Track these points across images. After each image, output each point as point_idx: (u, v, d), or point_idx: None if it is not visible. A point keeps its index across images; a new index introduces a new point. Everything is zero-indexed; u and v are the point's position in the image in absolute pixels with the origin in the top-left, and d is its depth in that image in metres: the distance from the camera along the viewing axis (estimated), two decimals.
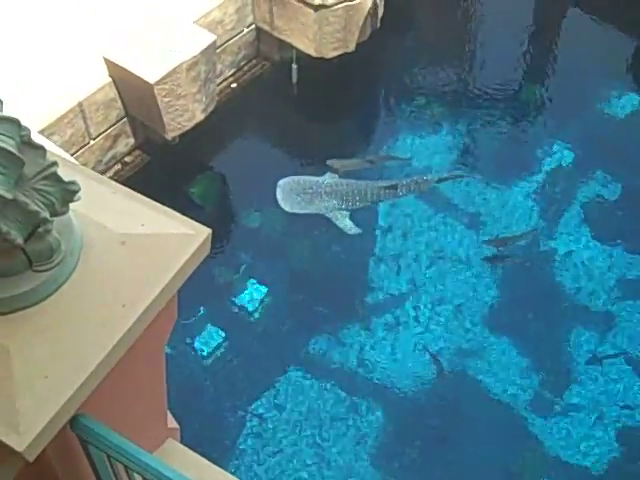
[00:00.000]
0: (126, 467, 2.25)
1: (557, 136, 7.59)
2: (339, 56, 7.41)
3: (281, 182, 7.02)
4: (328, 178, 7.09)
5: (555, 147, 7.50)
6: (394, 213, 7.03)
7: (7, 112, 1.94)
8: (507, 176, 7.30)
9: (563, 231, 6.94)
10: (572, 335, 6.36)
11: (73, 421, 2.13)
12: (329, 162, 7.19)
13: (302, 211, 6.89)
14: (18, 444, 1.92)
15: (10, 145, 1.87)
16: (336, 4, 6.98)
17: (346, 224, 6.83)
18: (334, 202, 6.86)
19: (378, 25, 7.52)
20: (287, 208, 6.88)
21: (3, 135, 1.86)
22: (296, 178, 7.08)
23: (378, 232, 6.94)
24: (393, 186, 7.06)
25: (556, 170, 7.36)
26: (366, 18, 7.22)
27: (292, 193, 6.91)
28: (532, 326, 6.42)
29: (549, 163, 7.40)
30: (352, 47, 7.38)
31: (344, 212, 6.88)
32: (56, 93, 6.22)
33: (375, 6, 7.25)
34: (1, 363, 2.02)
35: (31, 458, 1.96)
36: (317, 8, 6.98)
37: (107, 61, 6.40)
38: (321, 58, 7.40)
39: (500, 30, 8.46)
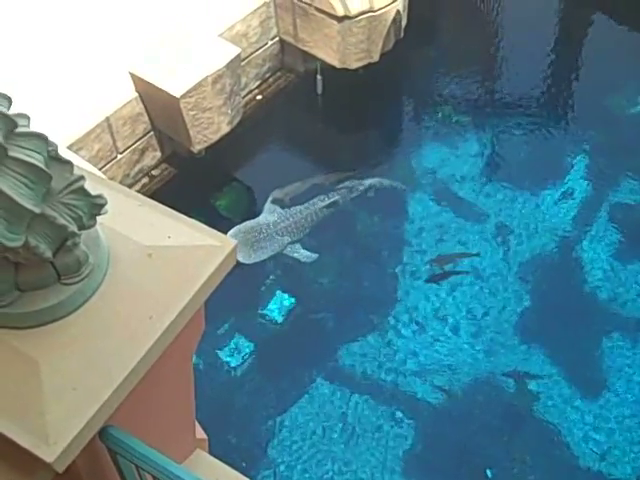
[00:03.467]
0: (155, 478, 2.26)
1: (583, 142, 7.53)
2: (363, 67, 7.43)
3: (229, 234, 6.69)
4: (270, 216, 6.94)
5: (582, 154, 7.45)
6: (427, 226, 6.99)
7: (35, 128, 1.97)
8: (534, 183, 7.26)
9: (592, 237, 6.89)
10: (604, 343, 6.29)
11: (102, 432, 2.14)
12: (272, 194, 7.07)
13: (260, 259, 6.75)
14: (48, 455, 1.93)
15: (38, 160, 1.89)
16: (359, 15, 6.99)
17: (302, 254, 6.78)
18: (286, 238, 6.79)
19: (402, 35, 7.52)
20: (246, 261, 6.65)
21: (31, 150, 1.89)
22: (242, 227, 6.85)
23: (408, 246, 6.91)
24: (334, 203, 7.04)
25: (583, 176, 7.30)
26: (389, 28, 7.23)
27: (244, 246, 6.68)
28: (562, 334, 6.36)
29: (576, 170, 7.34)
30: (376, 57, 7.39)
31: (297, 244, 6.84)
32: (83, 108, 6.29)
33: (398, 16, 7.26)
34: (30, 375, 2.04)
35: (61, 469, 1.98)
36: (340, 19, 7.00)
37: (133, 76, 6.46)
38: (345, 69, 7.42)
39: (524, 37, 8.43)
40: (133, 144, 6.76)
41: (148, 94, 6.50)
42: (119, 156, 6.69)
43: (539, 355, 6.25)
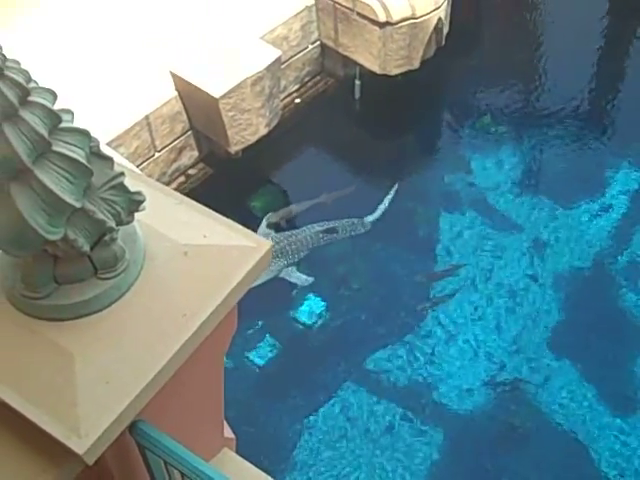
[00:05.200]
0: (182, 474, 2.28)
1: (624, 156, 7.44)
2: (403, 73, 7.41)
3: None
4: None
5: (622, 167, 7.35)
6: (460, 236, 6.96)
7: (77, 124, 2.00)
8: (572, 197, 7.18)
9: (629, 254, 6.80)
10: (638, 360, 6.21)
11: (132, 427, 2.16)
12: (267, 217, 6.97)
13: (258, 283, 6.62)
14: (79, 447, 1.96)
15: (80, 155, 1.92)
16: (401, 21, 6.99)
17: (299, 277, 6.69)
18: (282, 262, 6.68)
19: (443, 42, 7.49)
20: None
21: (74, 146, 1.92)
22: None
23: (442, 252, 6.88)
24: (332, 229, 6.94)
25: (623, 190, 7.21)
26: (431, 35, 7.21)
27: None
28: (596, 349, 6.29)
29: (616, 183, 7.26)
30: (416, 64, 7.38)
31: (293, 267, 6.75)
32: (124, 106, 6.36)
33: (440, 24, 7.24)
34: (65, 368, 2.06)
35: (90, 461, 2.00)
36: (382, 25, 7.00)
37: (174, 75, 6.52)
38: (385, 75, 7.41)
39: (567, 48, 8.35)
40: (171, 143, 6.82)
41: (188, 94, 6.55)
42: (157, 154, 6.75)
43: (570, 370, 6.18)
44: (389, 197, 7.15)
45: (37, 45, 6.43)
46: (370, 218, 7.04)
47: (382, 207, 7.09)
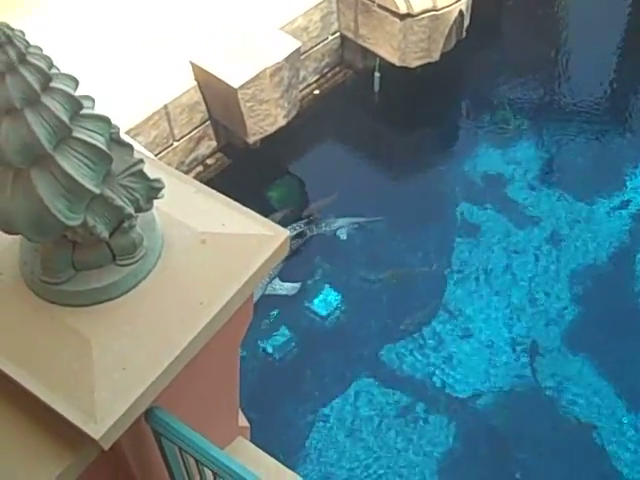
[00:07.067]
0: (197, 461, 2.29)
1: None
2: (423, 66, 7.39)
3: None
4: None
5: None
6: (478, 229, 6.93)
7: (97, 111, 2.00)
8: (591, 192, 7.15)
9: None
10: None
11: (148, 413, 2.17)
12: None
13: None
14: (95, 432, 1.97)
15: (100, 142, 1.93)
16: (422, 13, 6.96)
17: (284, 287, 6.59)
18: (265, 278, 6.59)
19: (463, 35, 7.46)
20: None
21: (94, 132, 1.92)
22: None
23: (460, 245, 6.86)
24: (300, 234, 6.88)
25: None
26: (451, 28, 7.18)
27: None
28: (614, 346, 6.26)
29: (636, 180, 7.21)
30: (436, 57, 7.35)
31: (276, 279, 6.64)
32: (144, 95, 6.37)
33: (461, 16, 7.20)
34: (82, 353, 2.08)
35: (106, 446, 2.01)
36: (402, 17, 6.97)
37: (193, 65, 6.52)
38: (404, 67, 7.39)
39: (589, 43, 8.30)
40: (189, 132, 6.83)
41: (207, 84, 6.56)
42: (175, 143, 6.76)
43: (586, 365, 6.15)
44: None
45: (57, 34, 6.45)
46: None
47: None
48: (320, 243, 6.94)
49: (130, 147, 2.05)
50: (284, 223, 6.76)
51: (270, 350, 6.29)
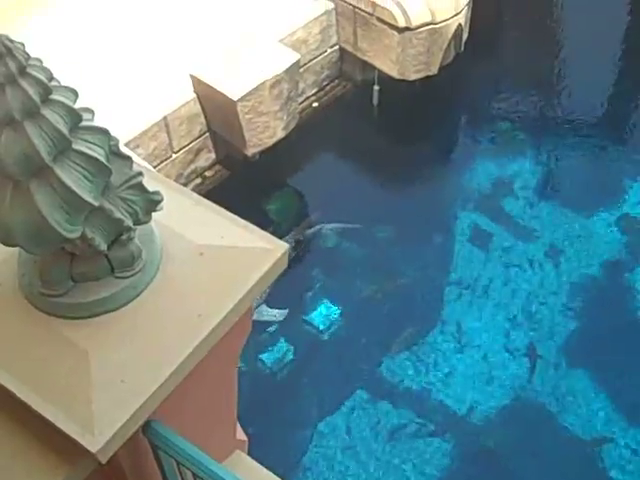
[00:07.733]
0: (195, 475, 2.28)
1: None
2: (421, 79, 7.41)
3: None
4: None
5: None
6: (474, 242, 6.94)
7: (97, 123, 2.00)
8: (589, 205, 7.14)
9: None
10: None
11: (145, 426, 2.17)
12: None
13: None
14: (92, 445, 1.96)
15: (100, 154, 1.93)
16: (420, 27, 6.98)
17: (271, 313, 6.50)
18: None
19: (462, 49, 7.48)
20: None
21: (94, 144, 1.92)
22: None
23: (458, 258, 6.85)
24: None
25: None
26: (450, 41, 7.20)
27: None
28: (612, 359, 6.24)
29: (634, 192, 7.22)
30: (435, 70, 7.37)
31: (263, 304, 6.52)
32: (143, 107, 6.38)
33: (460, 30, 7.23)
34: (80, 366, 2.07)
35: (104, 460, 2.00)
36: (401, 30, 7.00)
37: (193, 77, 6.54)
38: (403, 80, 7.41)
39: (588, 55, 8.31)
40: (188, 144, 6.83)
41: (206, 96, 6.57)
42: (174, 155, 6.77)
43: (584, 379, 6.14)
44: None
45: (56, 45, 6.46)
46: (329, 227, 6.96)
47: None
48: (318, 255, 6.94)
49: (129, 159, 2.05)
50: (282, 235, 6.77)
51: (268, 362, 6.27)
